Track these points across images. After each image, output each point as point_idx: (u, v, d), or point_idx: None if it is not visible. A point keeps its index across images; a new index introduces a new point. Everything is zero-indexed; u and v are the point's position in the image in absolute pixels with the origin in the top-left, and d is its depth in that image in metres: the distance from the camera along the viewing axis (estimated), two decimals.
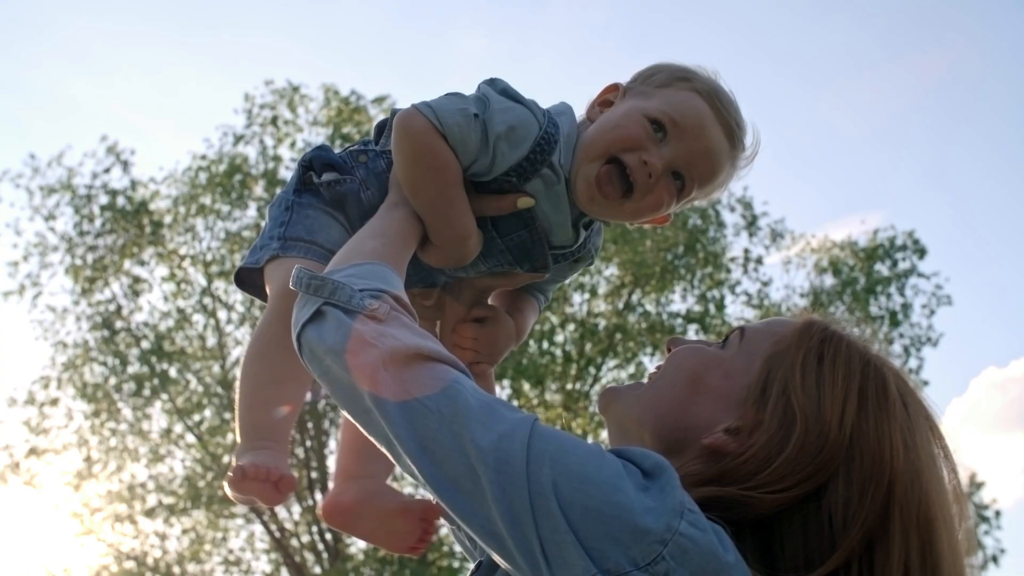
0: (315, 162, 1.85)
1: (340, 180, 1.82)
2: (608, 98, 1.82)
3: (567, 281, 2.11)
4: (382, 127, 1.89)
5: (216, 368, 17.93)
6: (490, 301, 1.96)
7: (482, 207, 1.74)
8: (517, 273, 1.87)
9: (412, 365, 1.35)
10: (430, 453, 1.28)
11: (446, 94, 1.74)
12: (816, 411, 1.38)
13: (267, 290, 1.80)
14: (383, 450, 1.39)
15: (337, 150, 1.91)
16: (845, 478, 1.34)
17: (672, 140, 1.71)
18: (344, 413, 1.49)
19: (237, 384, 1.81)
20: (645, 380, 1.61)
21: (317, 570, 17.32)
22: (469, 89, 1.78)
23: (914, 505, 1.34)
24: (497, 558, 1.27)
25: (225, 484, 1.73)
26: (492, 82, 1.79)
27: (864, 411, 1.39)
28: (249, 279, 1.85)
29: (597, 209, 1.77)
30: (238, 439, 1.76)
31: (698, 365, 1.52)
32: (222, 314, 18.13)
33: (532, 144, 1.71)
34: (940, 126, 28.46)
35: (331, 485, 1.97)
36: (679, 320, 17.65)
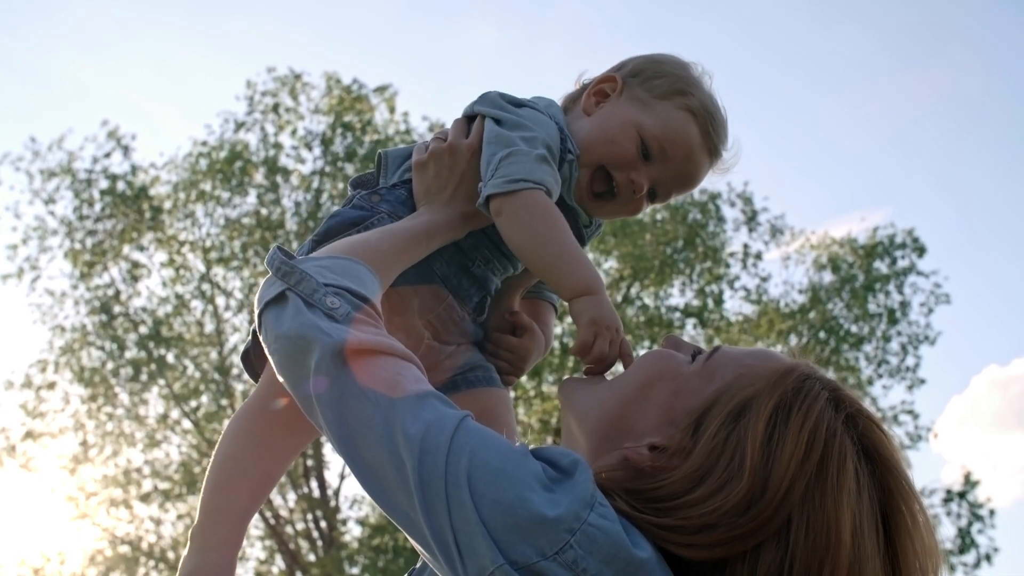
0: (331, 232, 1.76)
1: (369, 225, 1.75)
2: (604, 89, 1.83)
3: None
4: (372, 170, 1.88)
5: (213, 354, 17.93)
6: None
7: None
8: None
9: (358, 358, 1.35)
10: (361, 439, 1.30)
11: (512, 154, 1.68)
12: (766, 468, 1.27)
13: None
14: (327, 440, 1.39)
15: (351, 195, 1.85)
16: (778, 550, 1.25)
17: (657, 163, 1.78)
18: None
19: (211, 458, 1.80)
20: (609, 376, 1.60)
21: (311, 557, 17.33)
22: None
23: None
24: (419, 549, 1.28)
25: None
26: (500, 100, 1.77)
27: (820, 485, 1.27)
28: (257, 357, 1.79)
29: (582, 206, 1.83)
30: (197, 513, 1.77)
31: (655, 373, 1.48)
32: (220, 300, 18.14)
33: (559, 141, 1.75)
34: (942, 126, 28.45)
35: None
36: (677, 314, 17.66)
